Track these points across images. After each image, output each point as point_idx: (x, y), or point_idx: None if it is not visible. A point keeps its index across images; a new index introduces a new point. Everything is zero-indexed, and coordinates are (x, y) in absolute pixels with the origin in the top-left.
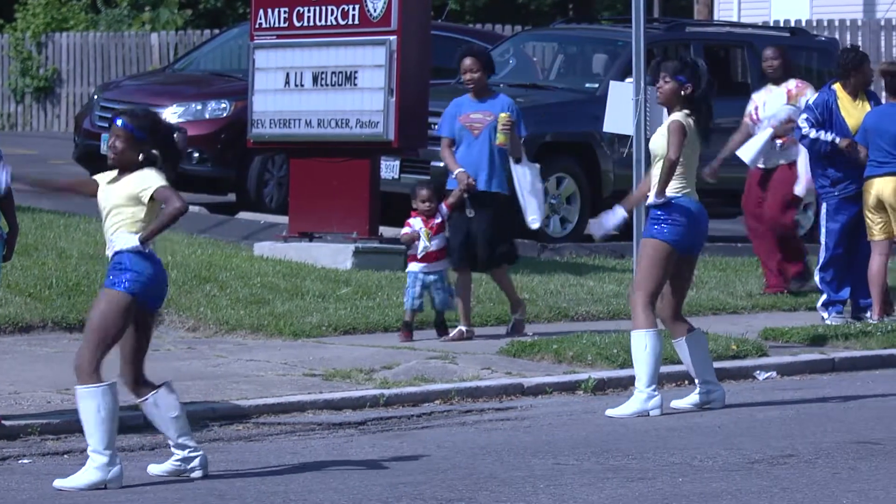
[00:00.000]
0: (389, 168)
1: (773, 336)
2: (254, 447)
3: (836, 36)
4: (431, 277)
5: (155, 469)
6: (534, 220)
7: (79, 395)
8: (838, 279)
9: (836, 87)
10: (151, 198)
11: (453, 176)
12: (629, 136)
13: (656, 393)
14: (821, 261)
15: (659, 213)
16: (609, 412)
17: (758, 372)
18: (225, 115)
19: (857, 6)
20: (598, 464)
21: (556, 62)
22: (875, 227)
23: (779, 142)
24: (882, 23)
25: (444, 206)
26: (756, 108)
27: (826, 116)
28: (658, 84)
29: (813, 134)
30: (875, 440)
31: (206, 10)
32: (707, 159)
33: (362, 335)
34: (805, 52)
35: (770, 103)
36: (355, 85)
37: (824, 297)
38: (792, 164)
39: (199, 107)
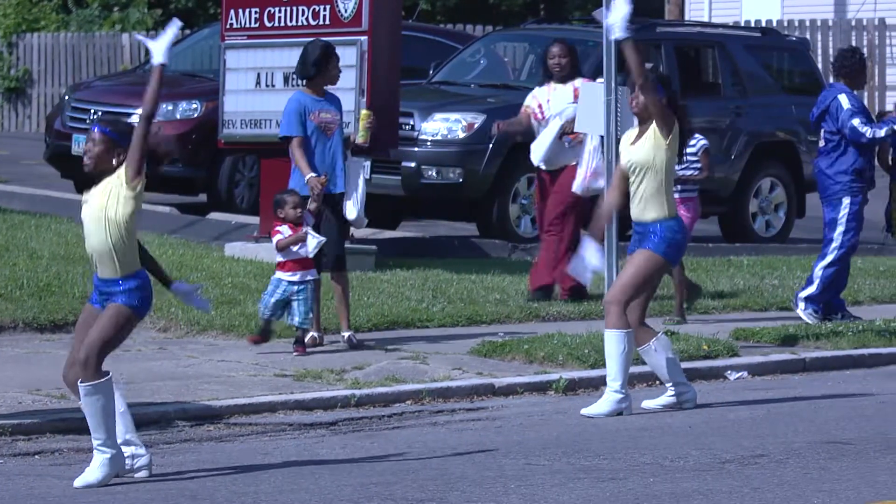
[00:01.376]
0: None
1: (744, 336)
2: (225, 447)
3: (807, 36)
4: (296, 288)
5: None
6: (351, 211)
7: (85, 391)
8: (836, 278)
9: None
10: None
11: (305, 181)
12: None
13: (628, 393)
14: (831, 257)
15: (659, 228)
16: (584, 411)
17: (729, 372)
18: (196, 115)
19: (828, 6)
20: (569, 464)
21: (528, 62)
22: None
23: (568, 138)
24: (853, 23)
25: (309, 215)
26: (539, 106)
27: (867, 113)
28: (633, 94)
29: (881, 133)
30: (845, 440)
31: (176, 10)
32: None
33: (333, 335)
34: (776, 52)
35: (555, 101)
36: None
37: (812, 290)
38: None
39: (169, 107)
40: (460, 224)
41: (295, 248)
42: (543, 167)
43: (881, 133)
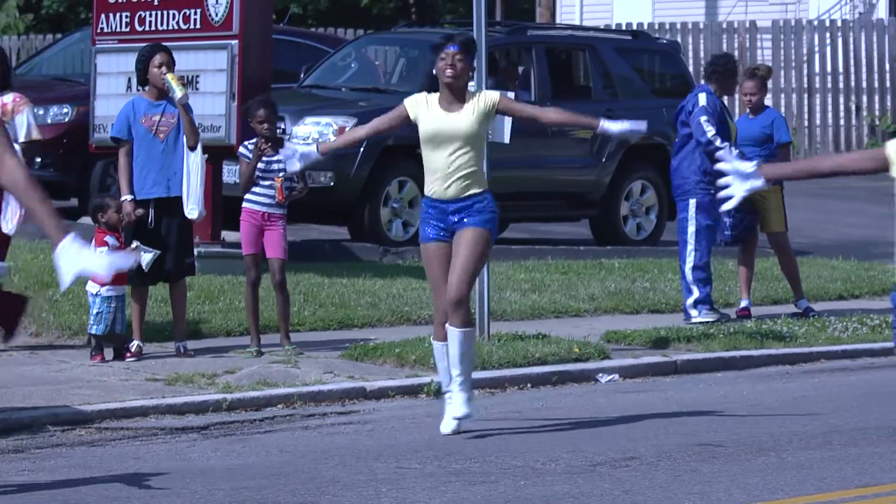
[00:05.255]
0: (231, 172)
1: (615, 339)
2: (96, 452)
3: (679, 39)
4: (117, 299)
5: None
6: (192, 209)
7: None
8: (707, 277)
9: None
10: None
11: (122, 198)
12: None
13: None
14: (693, 259)
15: (484, 201)
16: (444, 428)
17: (600, 375)
18: (67, 119)
19: (699, 9)
20: (440, 467)
21: (398, 66)
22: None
23: None
24: (724, 25)
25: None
26: None
27: (721, 119)
28: (449, 62)
29: (717, 143)
30: (716, 442)
31: (48, 14)
32: None
33: (204, 339)
34: (647, 55)
35: None
36: (197, 89)
37: (697, 295)
38: None
39: (40, 112)
40: (331, 228)
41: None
42: None
43: (717, 143)
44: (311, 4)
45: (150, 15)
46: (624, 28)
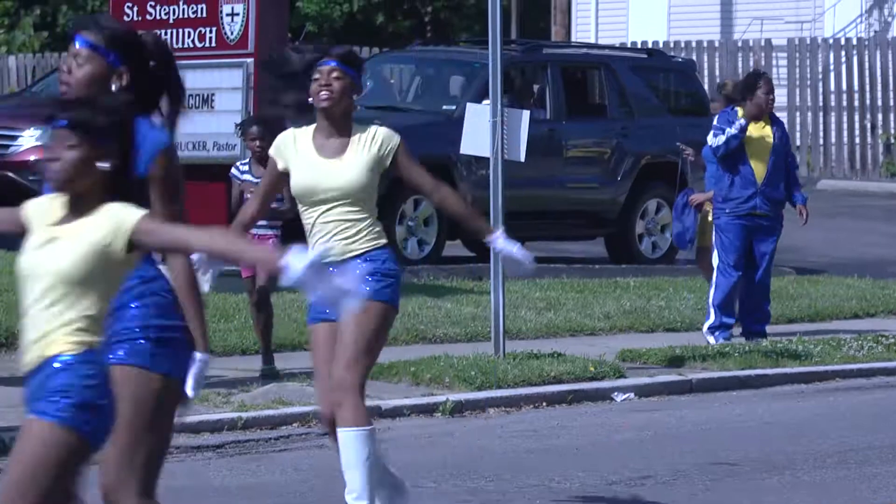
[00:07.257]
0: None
1: (630, 357)
2: None
3: (694, 57)
4: None
5: None
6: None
7: None
8: (730, 302)
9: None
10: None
11: None
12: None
13: None
14: (714, 282)
15: (383, 268)
16: None
17: (615, 393)
18: None
19: (714, 27)
20: (455, 486)
21: (414, 84)
22: None
23: None
24: (739, 44)
25: None
26: None
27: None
28: (323, 81)
29: (717, 141)
30: (732, 461)
31: (63, 32)
32: None
33: (220, 358)
34: (663, 73)
35: None
36: (212, 108)
37: (713, 320)
38: None
39: None
40: None
41: None
42: None
43: (721, 140)
44: (326, 23)
45: (166, 33)
46: (639, 46)
